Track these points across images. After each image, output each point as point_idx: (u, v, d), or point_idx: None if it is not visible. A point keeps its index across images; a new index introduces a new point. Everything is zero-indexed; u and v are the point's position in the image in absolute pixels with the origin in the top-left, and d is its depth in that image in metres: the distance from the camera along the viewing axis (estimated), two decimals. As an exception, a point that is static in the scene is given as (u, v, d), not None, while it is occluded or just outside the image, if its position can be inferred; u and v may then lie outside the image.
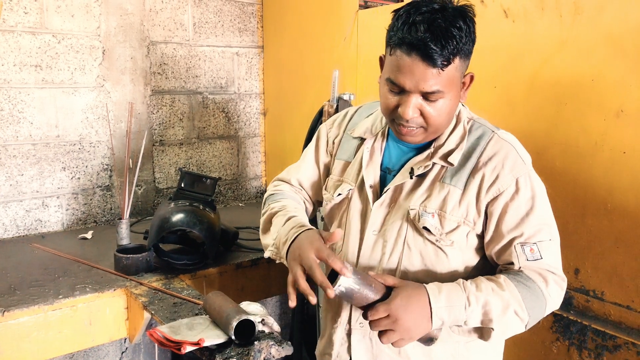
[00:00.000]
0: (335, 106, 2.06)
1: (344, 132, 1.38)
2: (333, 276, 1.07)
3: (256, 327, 1.35)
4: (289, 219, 1.26)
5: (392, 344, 1.08)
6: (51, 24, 2.47)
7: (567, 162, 1.64)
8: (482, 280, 1.12)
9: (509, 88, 1.80)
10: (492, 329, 1.10)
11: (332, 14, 2.58)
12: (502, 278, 1.12)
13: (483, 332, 1.15)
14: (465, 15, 1.08)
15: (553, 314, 1.66)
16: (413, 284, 1.10)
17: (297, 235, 1.18)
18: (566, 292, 1.66)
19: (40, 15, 2.44)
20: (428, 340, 1.11)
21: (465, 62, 1.12)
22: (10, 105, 2.41)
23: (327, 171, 1.41)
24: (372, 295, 1.07)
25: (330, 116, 2.07)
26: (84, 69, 2.57)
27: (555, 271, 1.15)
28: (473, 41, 1.11)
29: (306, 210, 1.42)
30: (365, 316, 1.09)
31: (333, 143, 1.40)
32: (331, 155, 1.41)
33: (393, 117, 1.15)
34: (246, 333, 1.34)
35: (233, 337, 1.31)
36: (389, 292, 1.09)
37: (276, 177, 1.51)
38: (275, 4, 3.04)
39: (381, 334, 1.08)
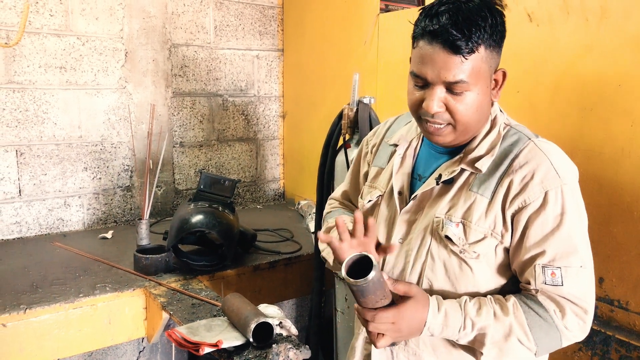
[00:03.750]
0: (355, 109, 2.05)
1: (381, 140, 1.37)
2: (358, 266, 1.02)
3: (274, 330, 1.35)
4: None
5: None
6: (76, 26, 2.51)
7: (592, 168, 1.61)
8: (486, 303, 1.07)
9: (532, 93, 1.77)
10: (482, 353, 1.09)
11: (353, 18, 2.58)
12: (511, 301, 1.07)
13: (475, 353, 1.12)
14: (492, 7, 1.05)
15: (575, 323, 1.63)
16: (421, 296, 1.08)
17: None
18: (589, 301, 1.63)
19: (65, 18, 2.48)
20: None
21: (492, 55, 1.07)
22: (35, 106, 2.45)
23: (366, 180, 1.41)
24: (381, 299, 1.05)
25: (350, 119, 2.07)
26: (107, 70, 2.60)
27: (577, 302, 1.06)
28: (501, 34, 1.07)
29: None
30: (366, 316, 1.06)
31: (372, 152, 1.39)
32: (369, 163, 1.40)
33: (419, 114, 1.10)
34: (264, 335, 1.34)
35: (251, 340, 1.31)
36: (393, 297, 1.08)
37: (330, 196, 1.58)
38: (296, 8, 3.05)
39: (374, 335, 1.08)
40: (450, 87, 1.05)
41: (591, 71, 1.60)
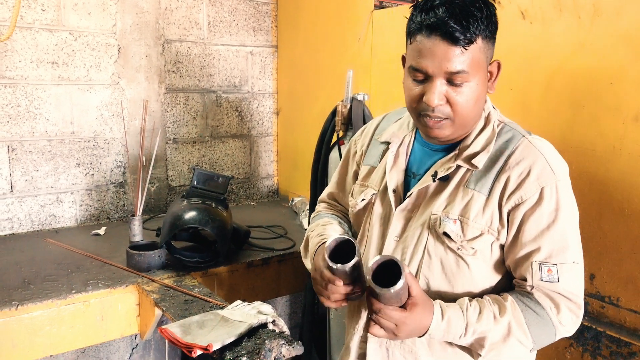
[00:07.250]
0: (348, 106, 2.05)
1: (371, 138, 1.36)
2: (383, 270, 1.01)
3: (267, 326, 1.35)
4: (315, 237, 1.32)
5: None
6: (68, 21, 2.49)
7: (584, 165, 1.62)
8: (486, 305, 1.08)
9: (524, 90, 1.78)
10: (480, 354, 1.10)
11: (347, 14, 2.58)
12: (509, 301, 1.08)
13: (472, 353, 1.13)
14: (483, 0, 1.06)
15: (567, 319, 1.64)
16: (427, 303, 1.07)
17: (316, 251, 1.25)
18: (580, 298, 1.64)
19: (57, 13, 2.46)
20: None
21: (489, 46, 1.08)
22: (27, 102, 2.43)
23: (356, 179, 1.38)
24: (396, 304, 1.04)
25: (343, 116, 2.07)
26: (100, 66, 2.59)
27: (572, 297, 1.08)
28: (495, 25, 1.08)
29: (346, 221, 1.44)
30: (374, 305, 1.04)
31: (361, 151, 1.37)
32: (358, 164, 1.38)
33: (419, 109, 1.10)
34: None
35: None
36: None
37: (319, 198, 1.55)
38: (290, 4, 3.04)
39: (371, 322, 1.07)
40: (451, 79, 1.05)
41: (583, 69, 1.61)
